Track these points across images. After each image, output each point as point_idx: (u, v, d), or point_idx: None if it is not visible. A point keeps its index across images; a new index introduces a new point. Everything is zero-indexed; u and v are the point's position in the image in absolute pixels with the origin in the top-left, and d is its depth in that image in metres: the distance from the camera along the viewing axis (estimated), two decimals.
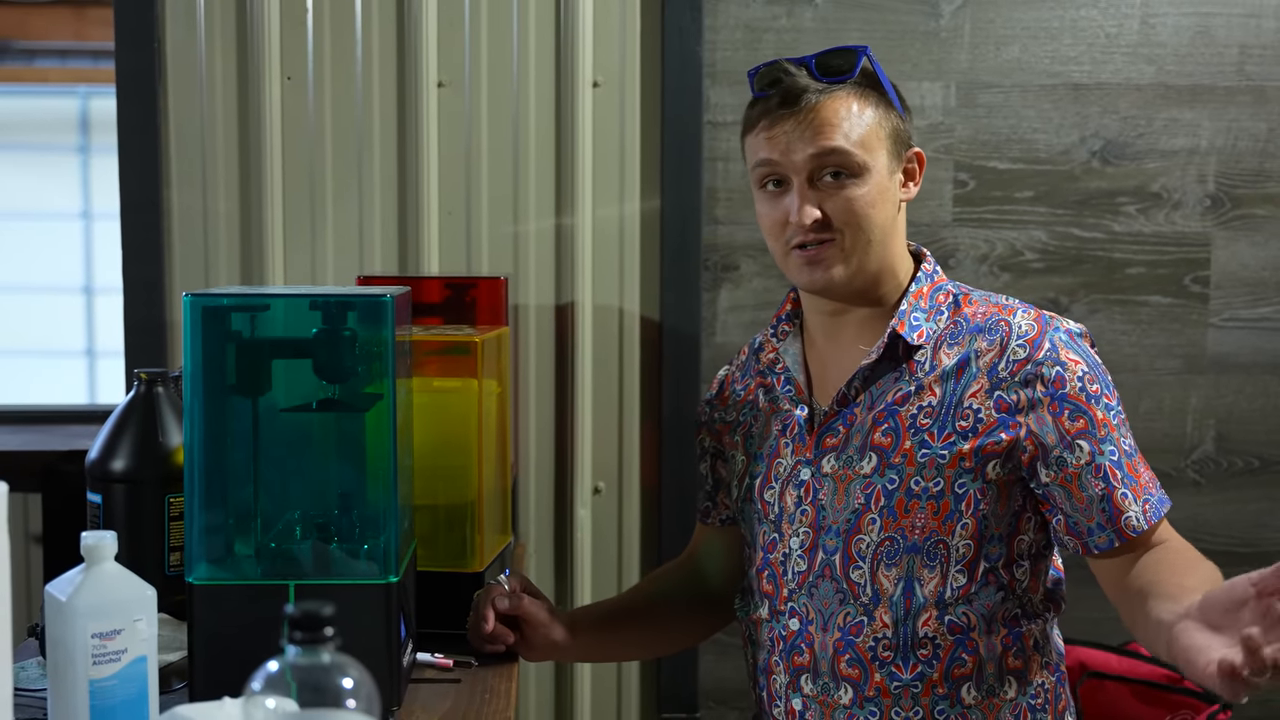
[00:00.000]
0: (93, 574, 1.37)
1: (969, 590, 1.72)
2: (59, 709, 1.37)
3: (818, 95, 1.73)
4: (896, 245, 1.79)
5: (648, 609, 2.00)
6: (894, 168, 1.77)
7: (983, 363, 1.72)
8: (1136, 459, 1.71)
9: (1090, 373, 1.69)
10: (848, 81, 1.74)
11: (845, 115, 1.73)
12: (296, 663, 0.97)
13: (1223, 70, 2.62)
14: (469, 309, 2.28)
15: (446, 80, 2.55)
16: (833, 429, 1.79)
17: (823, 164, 1.72)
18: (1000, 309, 1.76)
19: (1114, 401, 1.71)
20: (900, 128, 1.78)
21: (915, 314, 1.76)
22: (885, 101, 1.77)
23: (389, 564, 1.53)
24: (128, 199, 2.53)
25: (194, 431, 1.53)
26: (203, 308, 1.53)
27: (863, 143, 1.73)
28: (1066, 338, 1.71)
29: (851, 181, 1.72)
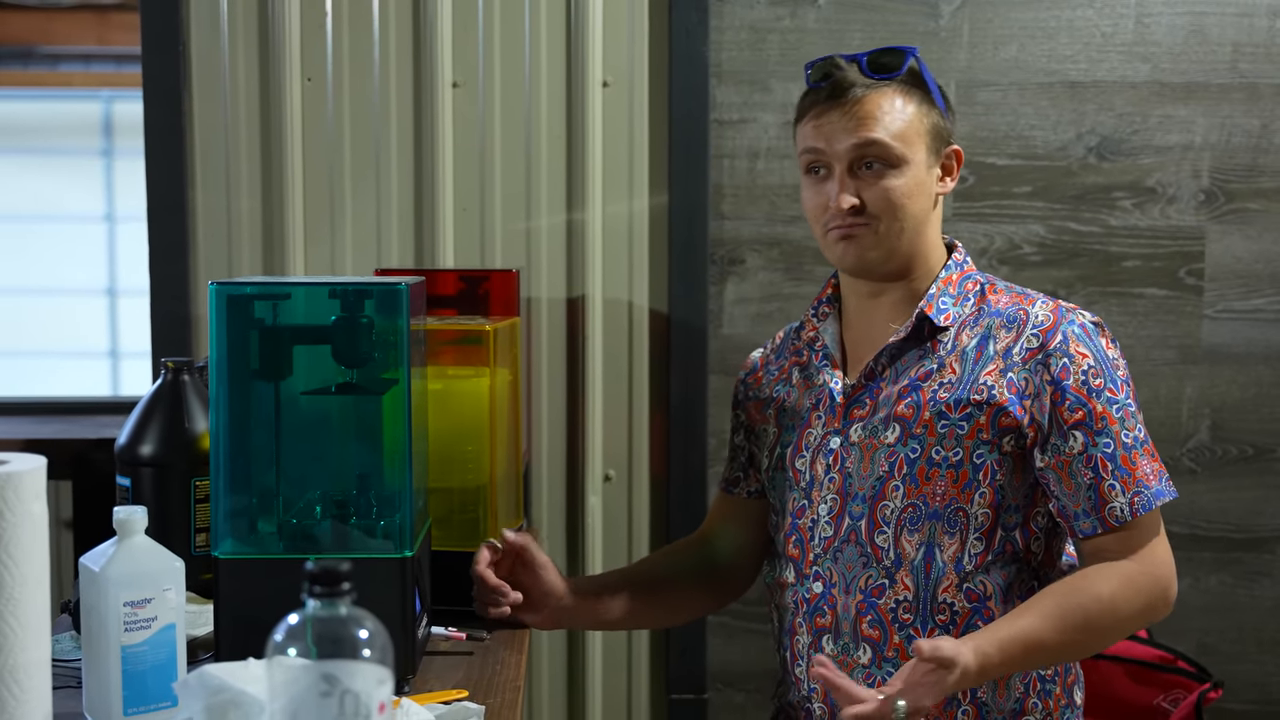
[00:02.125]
0: (124, 546, 1.45)
1: (985, 559, 1.79)
2: (93, 673, 1.45)
3: (864, 90, 1.83)
4: (930, 234, 1.89)
5: (655, 581, 2.05)
6: (932, 162, 1.86)
7: (999, 346, 1.80)
8: (1138, 451, 1.77)
9: (1096, 366, 1.76)
10: (894, 79, 1.83)
11: (888, 110, 1.82)
12: (315, 615, 1.04)
13: (1216, 68, 2.68)
14: (482, 301, 2.34)
15: (461, 81, 2.61)
16: (859, 401, 1.88)
17: (863, 154, 1.82)
18: (1022, 299, 1.85)
19: (1121, 394, 1.77)
20: (941, 125, 1.87)
21: (944, 298, 1.86)
22: (928, 100, 1.85)
23: (404, 540, 1.61)
24: (154, 199, 2.59)
25: (220, 414, 1.61)
26: (228, 296, 1.61)
27: (902, 136, 1.82)
28: (1080, 330, 1.79)
29: (890, 172, 1.82)
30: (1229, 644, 2.76)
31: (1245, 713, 2.75)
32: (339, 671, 1.03)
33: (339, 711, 1.03)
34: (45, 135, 7.27)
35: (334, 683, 1.03)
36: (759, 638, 2.68)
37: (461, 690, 1.59)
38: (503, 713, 1.55)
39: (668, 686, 2.71)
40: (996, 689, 1.81)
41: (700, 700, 2.70)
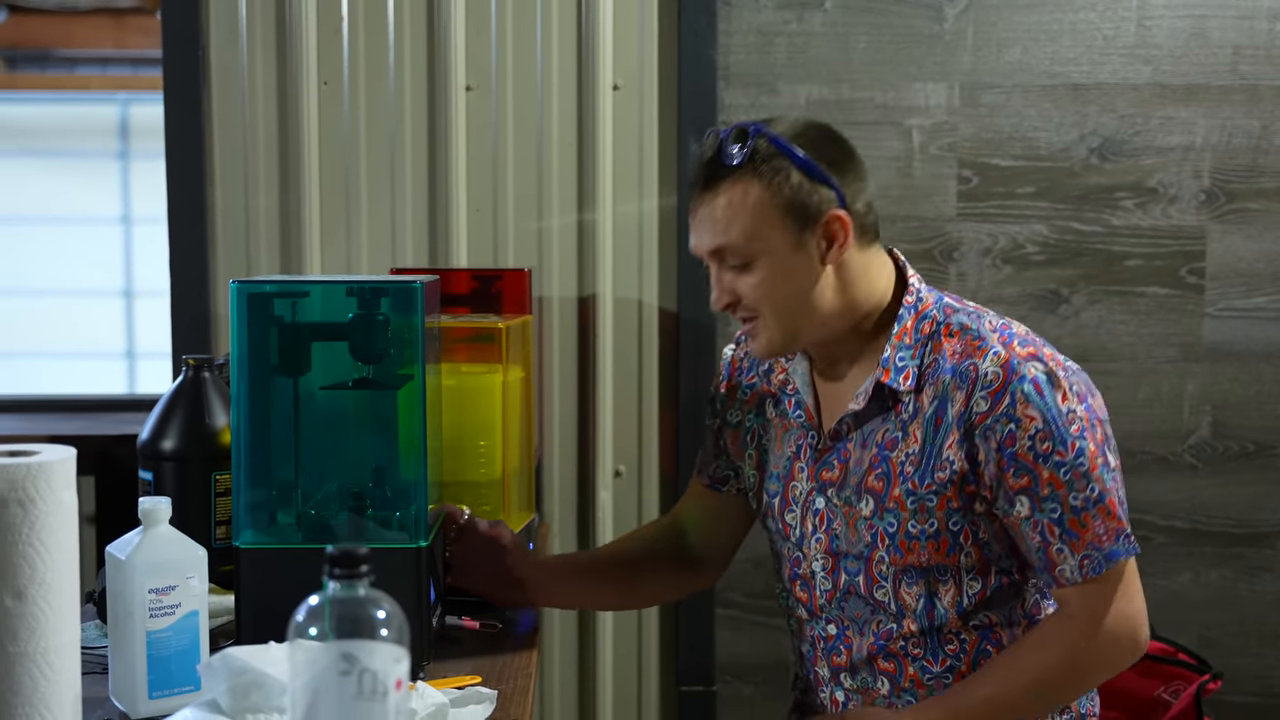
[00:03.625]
0: (149, 535, 1.50)
1: (984, 595, 1.81)
2: (119, 657, 1.50)
3: (708, 190, 1.77)
4: (840, 302, 1.79)
5: (626, 565, 2.06)
6: (800, 241, 1.75)
7: (955, 410, 1.74)
8: (1089, 513, 1.71)
9: (1044, 429, 1.70)
10: (741, 167, 1.74)
11: (730, 209, 1.74)
12: (335, 596, 1.09)
13: (1217, 70, 2.72)
14: (495, 300, 2.38)
15: (474, 84, 2.65)
16: (828, 464, 1.86)
17: (720, 256, 1.79)
18: (975, 348, 1.75)
19: (1069, 454, 1.70)
20: (808, 198, 1.74)
21: (900, 354, 1.79)
22: (784, 176, 1.73)
23: (419, 531, 1.66)
24: (174, 199, 2.64)
25: (240, 408, 1.66)
26: (248, 294, 1.66)
27: (748, 233, 1.74)
28: (1030, 389, 1.70)
29: (748, 270, 1.77)
30: (1230, 637, 2.80)
31: (1246, 705, 2.79)
32: (357, 651, 1.08)
33: (358, 690, 1.08)
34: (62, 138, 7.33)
35: (353, 662, 1.08)
36: (767, 631, 2.72)
37: (475, 676, 1.64)
38: (515, 698, 1.59)
39: (677, 678, 2.75)
40: None
41: (709, 692, 2.74)
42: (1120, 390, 2.75)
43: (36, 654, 1.22)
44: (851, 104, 2.69)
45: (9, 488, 1.20)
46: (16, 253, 7.09)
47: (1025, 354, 1.73)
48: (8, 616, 1.21)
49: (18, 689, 1.21)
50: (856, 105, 2.69)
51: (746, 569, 2.72)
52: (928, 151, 2.69)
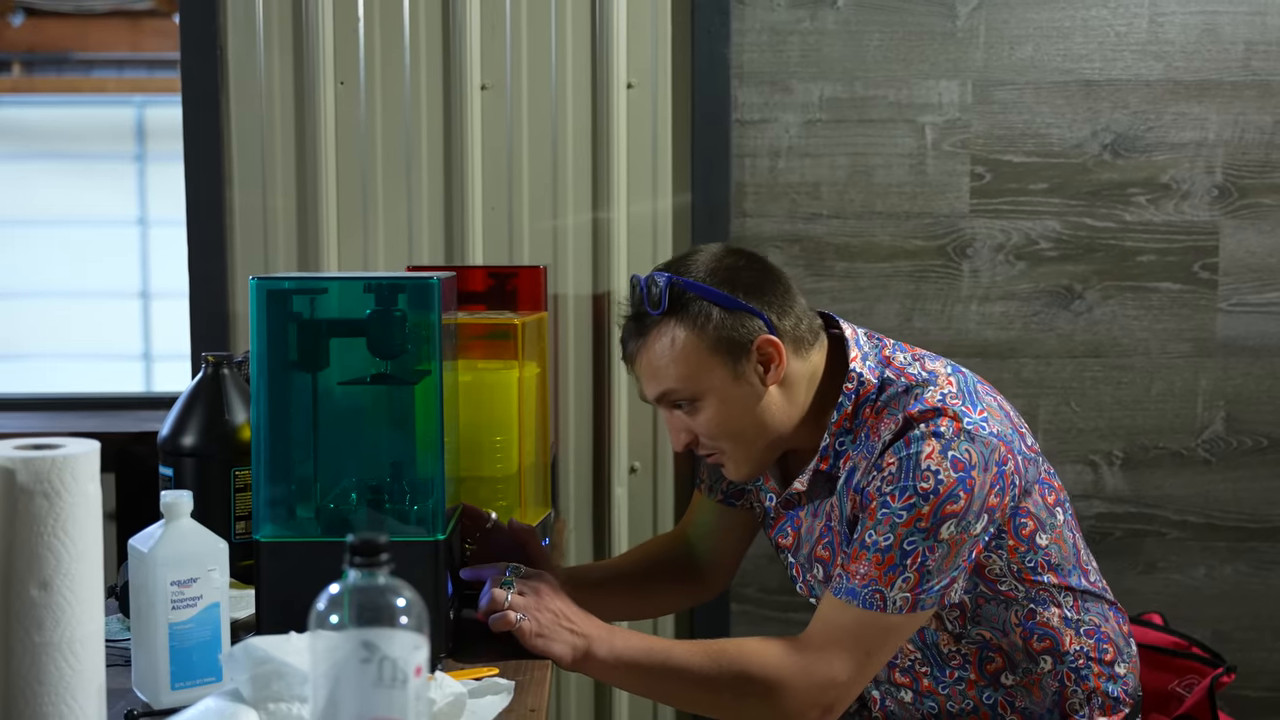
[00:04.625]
0: (171, 529, 1.52)
1: (965, 618, 1.84)
2: (141, 649, 1.52)
3: (639, 342, 1.82)
4: (789, 413, 1.83)
5: (636, 578, 2.10)
6: (738, 372, 1.79)
7: (855, 479, 1.79)
8: (870, 554, 1.71)
9: (895, 474, 1.71)
10: (662, 317, 1.79)
11: (662, 358, 1.79)
12: (355, 585, 1.10)
13: (1229, 66, 2.72)
14: (510, 297, 2.39)
15: (489, 83, 2.67)
16: (783, 530, 1.93)
17: (664, 403, 1.84)
18: (895, 422, 1.76)
19: (896, 503, 1.70)
20: (734, 330, 1.78)
21: (840, 440, 1.82)
22: (706, 314, 1.77)
23: (436, 524, 1.67)
24: (193, 199, 2.66)
25: (260, 403, 1.67)
26: (267, 291, 1.67)
27: (685, 376, 1.79)
28: (901, 444, 1.73)
29: (694, 409, 1.81)
30: (1243, 631, 2.80)
31: (1260, 699, 2.80)
32: (377, 639, 1.09)
33: (377, 677, 1.09)
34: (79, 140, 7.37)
35: (373, 650, 1.09)
36: (782, 625, 2.74)
37: (492, 668, 1.65)
38: (531, 689, 1.60)
39: None
40: (1031, 695, 1.87)
41: None
42: (1134, 385, 2.76)
43: (62, 644, 1.23)
44: (864, 101, 2.70)
45: (35, 480, 1.22)
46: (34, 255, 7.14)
47: (920, 415, 1.74)
48: (34, 607, 1.22)
49: (44, 678, 1.23)
50: (869, 102, 2.70)
51: (761, 564, 2.73)
52: (941, 148, 2.70)
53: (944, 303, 2.73)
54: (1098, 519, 2.77)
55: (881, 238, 2.72)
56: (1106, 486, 2.77)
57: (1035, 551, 1.83)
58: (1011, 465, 1.75)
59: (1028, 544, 1.81)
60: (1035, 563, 1.83)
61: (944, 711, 1.91)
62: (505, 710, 1.52)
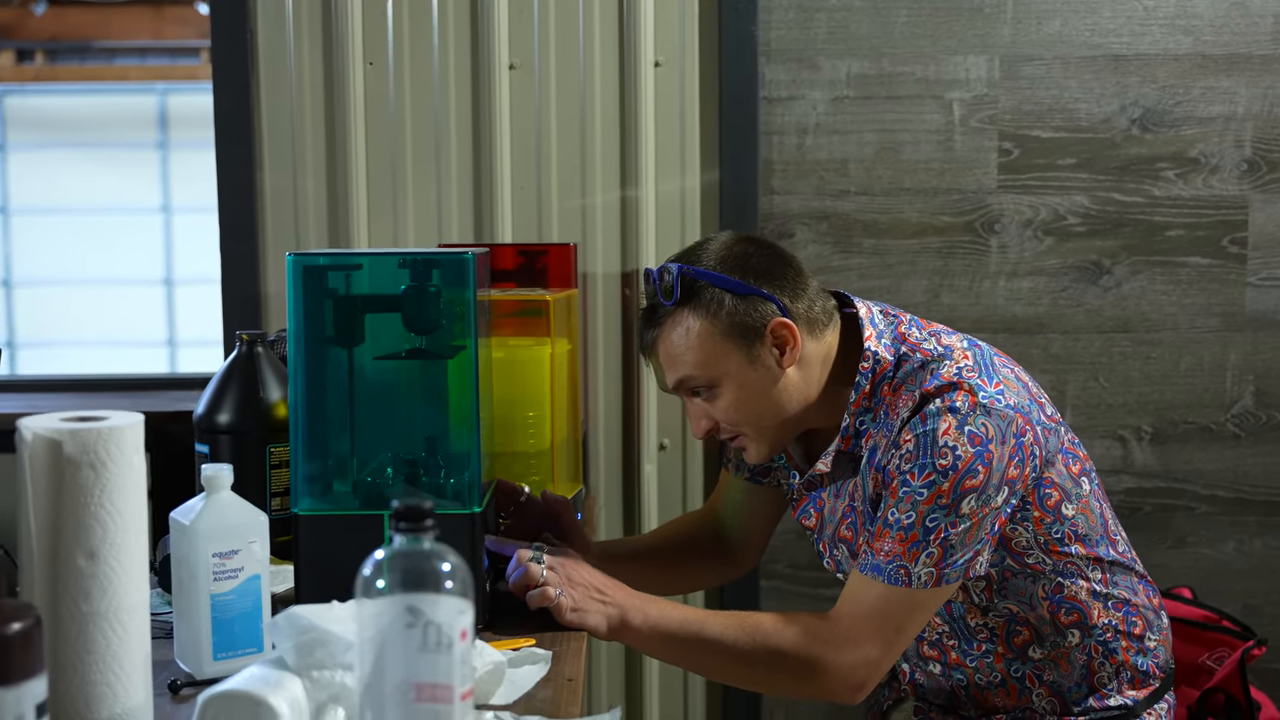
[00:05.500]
0: (212, 501, 1.53)
1: (991, 591, 1.85)
2: (184, 620, 1.54)
3: (654, 332, 1.84)
4: (806, 396, 1.85)
5: (667, 554, 2.12)
6: (752, 357, 1.81)
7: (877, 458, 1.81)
8: (894, 531, 1.73)
9: (913, 451, 1.73)
10: (674, 307, 1.81)
11: (677, 346, 1.82)
12: (399, 550, 1.12)
13: (1258, 39, 2.71)
14: (541, 275, 2.41)
15: (517, 63, 2.68)
16: (805, 512, 1.95)
17: (683, 390, 1.86)
18: (911, 399, 1.78)
19: (916, 481, 1.72)
20: (747, 316, 1.80)
21: (860, 419, 1.84)
22: (718, 301, 1.80)
23: (473, 497, 1.69)
24: (224, 182, 2.68)
25: (297, 378, 1.69)
26: (304, 267, 1.69)
27: (701, 362, 1.81)
28: (917, 420, 1.75)
29: (712, 395, 1.84)
30: (1273, 605, 2.80)
31: None
32: (422, 604, 1.10)
33: (422, 642, 1.10)
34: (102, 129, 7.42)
35: (417, 614, 1.10)
36: (811, 601, 2.75)
37: (529, 639, 1.67)
38: (568, 659, 1.62)
39: None
40: (1060, 668, 1.88)
41: None
42: (1163, 360, 2.76)
43: (109, 613, 1.25)
44: (892, 78, 2.70)
45: (81, 451, 1.24)
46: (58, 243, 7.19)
47: (937, 390, 1.76)
48: (81, 576, 1.24)
49: (91, 647, 1.24)
50: (897, 79, 2.70)
51: (790, 540, 2.74)
52: (968, 124, 2.70)
53: (972, 279, 2.73)
54: (1127, 494, 2.77)
55: (909, 214, 2.72)
56: (1135, 461, 2.77)
57: (1061, 522, 1.83)
58: (1030, 436, 1.76)
59: (1054, 514, 1.82)
60: (1062, 534, 1.84)
61: (972, 684, 1.92)
62: (543, 680, 1.54)
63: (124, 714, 1.25)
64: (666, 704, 2.78)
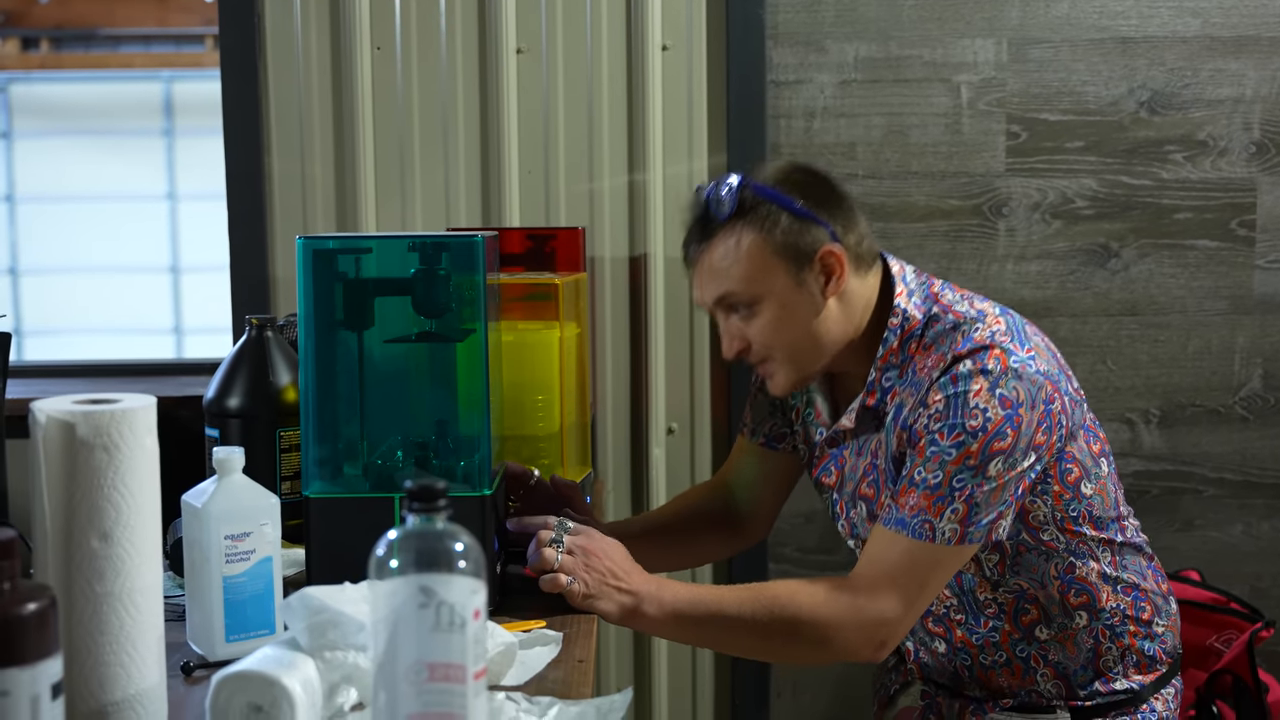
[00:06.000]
0: (224, 484, 1.54)
1: (1004, 565, 1.86)
2: (196, 602, 1.55)
3: (704, 243, 1.84)
4: (844, 331, 1.86)
5: (675, 528, 2.12)
6: (798, 279, 1.81)
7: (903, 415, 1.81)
8: (920, 491, 1.74)
9: (942, 411, 1.73)
10: (730, 219, 1.81)
11: (726, 258, 1.82)
12: (412, 530, 1.12)
13: (1267, 21, 2.71)
14: (549, 259, 2.41)
15: (525, 47, 2.67)
16: (826, 469, 1.95)
17: (724, 304, 1.85)
18: (942, 359, 1.78)
19: (945, 441, 1.72)
20: (799, 237, 1.80)
21: (886, 375, 1.85)
22: (773, 219, 1.80)
23: (483, 480, 1.69)
24: (232, 167, 2.68)
25: (308, 362, 1.70)
26: (314, 251, 1.70)
27: (746, 277, 1.81)
28: (947, 380, 1.75)
29: (751, 313, 1.83)
30: None
31: None
32: (435, 584, 1.11)
33: (435, 621, 1.11)
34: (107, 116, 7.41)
35: (430, 594, 1.11)
36: None
37: (540, 621, 1.67)
38: (578, 641, 1.63)
39: None
40: (1066, 650, 1.88)
41: None
42: (1171, 343, 2.76)
43: (123, 594, 1.25)
44: (899, 61, 2.70)
45: (94, 433, 1.24)
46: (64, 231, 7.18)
47: (969, 351, 1.76)
48: (94, 558, 1.24)
49: (105, 628, 1.25)
50: (904, 62, 2.70)
51: (798, 523, 2.74)
52: (976, 107, 2.70)
53: (980, 262, 2.73)
54: (1135, 477, 2.77)
55: (917, 197, 2.72)
56: (1143, 444, 2.77)
57: (1079, 500, 1.84)
58: (1058, 405, 1.77)
59: (1073, 491, 1.83)
60: (1078, 512, 1.84)
61: (976, 664, 1.92)
62: (554, 661, 1.54)
63: (138, 695, 1.26)
64: (675, 684, 2.78)
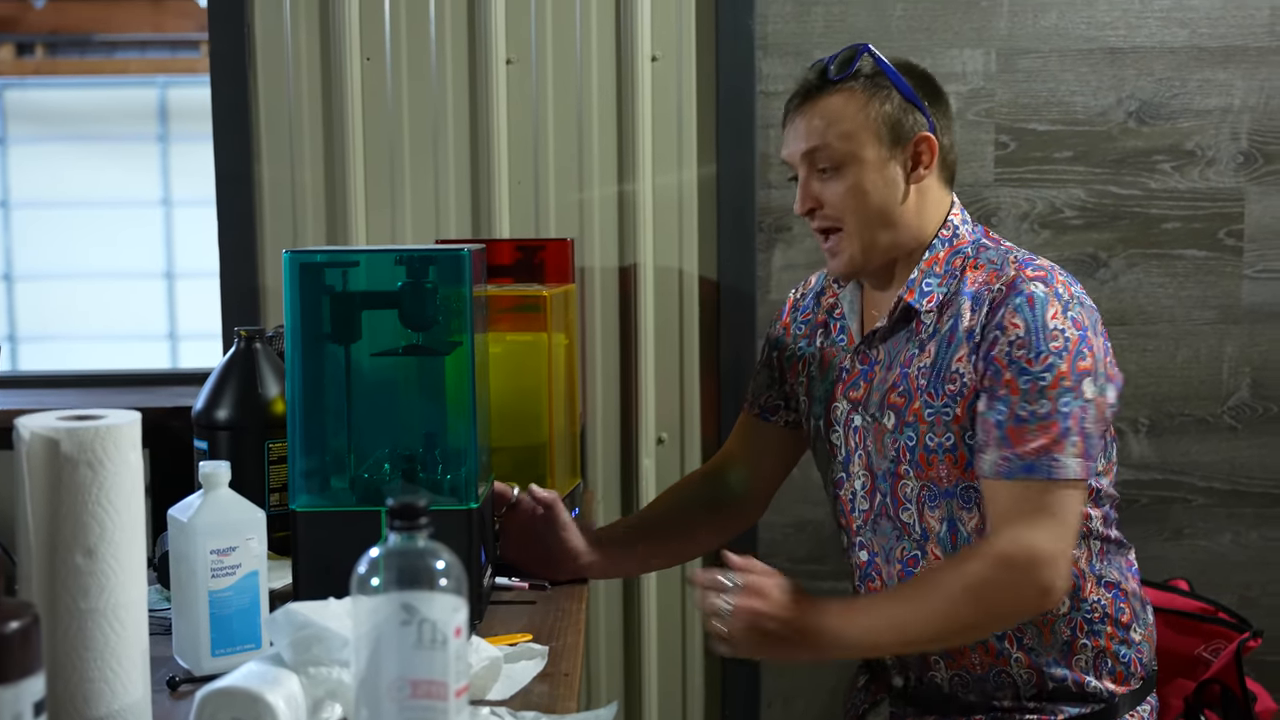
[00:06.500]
0: (210, 498, 1.54)
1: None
2: (182, 617, 1.55)
3: (813, 96, 1.88)
4: (912, 223, 1.89)
5: (665, 525, 2.12)
6: (892, 155, 1.86)
7: (964, 327, 1.82)
8: (1031, 425, 1.75)
9: (1024, 337, 1.76)
10: (847, 80, 1.86)
11: (831, 113, 1.86)
12: (394, 548, 1.12)
13: (1254, 31, 2.71)
14: (538, 270, 2.41)
15: (515, 57, 2.68)
16: (855, 384, 1.94)
17: (813, 159, 1.88)
18: (994, 275, 1.84)
19: (1037, 366, 1.75)
20: (902, 117, 1.86)
21: (928, 279, 1.88)
22: (885, 95, 1.86)
23: (469, 493, 1.69)
24: (222, 174, 2.68)
25: (295, 376, 1.70)
26: (300, 264, 1.70)
27: (847, 136, 1.85)
28: (1023, 301, 1.78)
29: (839, 174, 1.86)
30: (1270, 597, 2.81)
31: None
32: (417, 601, 1.11)
33: (417, 639, 1.11)
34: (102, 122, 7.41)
35: (412, 612, 1.11)
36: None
37: (526, 634, 1.68)
38: (565, 654, 1.63)
39: None
40: (1042, 636, 1.88)
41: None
42: (1159, 353, 2.76)
43: (107, 610, 1.26)
44: None
45: (79, 450, 1.24)
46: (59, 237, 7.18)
47: (1033, 275, 1.81)
48: (79, 574, 1.24)
49: (89, 644, 1.25)
50: None
51: (789, 533, 2.75)
52: (965, 117, 2.70)
53: None
54: (1124, 486, 2.77)
55: None
56: (1133, 454, 2.78)
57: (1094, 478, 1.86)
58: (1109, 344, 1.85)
59: None
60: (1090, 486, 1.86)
61: None
62: (540, 675, 1.55)
63: (122, 711, 1.26)
64: (665, 695, 2.79)
